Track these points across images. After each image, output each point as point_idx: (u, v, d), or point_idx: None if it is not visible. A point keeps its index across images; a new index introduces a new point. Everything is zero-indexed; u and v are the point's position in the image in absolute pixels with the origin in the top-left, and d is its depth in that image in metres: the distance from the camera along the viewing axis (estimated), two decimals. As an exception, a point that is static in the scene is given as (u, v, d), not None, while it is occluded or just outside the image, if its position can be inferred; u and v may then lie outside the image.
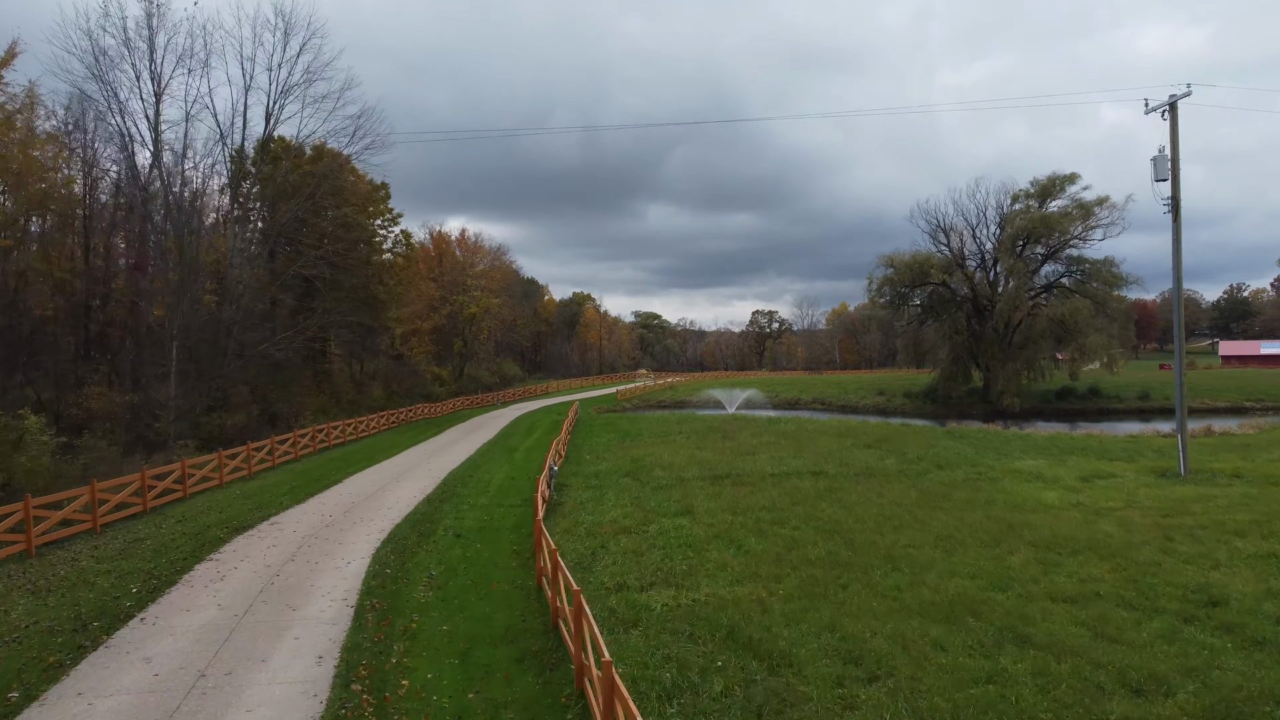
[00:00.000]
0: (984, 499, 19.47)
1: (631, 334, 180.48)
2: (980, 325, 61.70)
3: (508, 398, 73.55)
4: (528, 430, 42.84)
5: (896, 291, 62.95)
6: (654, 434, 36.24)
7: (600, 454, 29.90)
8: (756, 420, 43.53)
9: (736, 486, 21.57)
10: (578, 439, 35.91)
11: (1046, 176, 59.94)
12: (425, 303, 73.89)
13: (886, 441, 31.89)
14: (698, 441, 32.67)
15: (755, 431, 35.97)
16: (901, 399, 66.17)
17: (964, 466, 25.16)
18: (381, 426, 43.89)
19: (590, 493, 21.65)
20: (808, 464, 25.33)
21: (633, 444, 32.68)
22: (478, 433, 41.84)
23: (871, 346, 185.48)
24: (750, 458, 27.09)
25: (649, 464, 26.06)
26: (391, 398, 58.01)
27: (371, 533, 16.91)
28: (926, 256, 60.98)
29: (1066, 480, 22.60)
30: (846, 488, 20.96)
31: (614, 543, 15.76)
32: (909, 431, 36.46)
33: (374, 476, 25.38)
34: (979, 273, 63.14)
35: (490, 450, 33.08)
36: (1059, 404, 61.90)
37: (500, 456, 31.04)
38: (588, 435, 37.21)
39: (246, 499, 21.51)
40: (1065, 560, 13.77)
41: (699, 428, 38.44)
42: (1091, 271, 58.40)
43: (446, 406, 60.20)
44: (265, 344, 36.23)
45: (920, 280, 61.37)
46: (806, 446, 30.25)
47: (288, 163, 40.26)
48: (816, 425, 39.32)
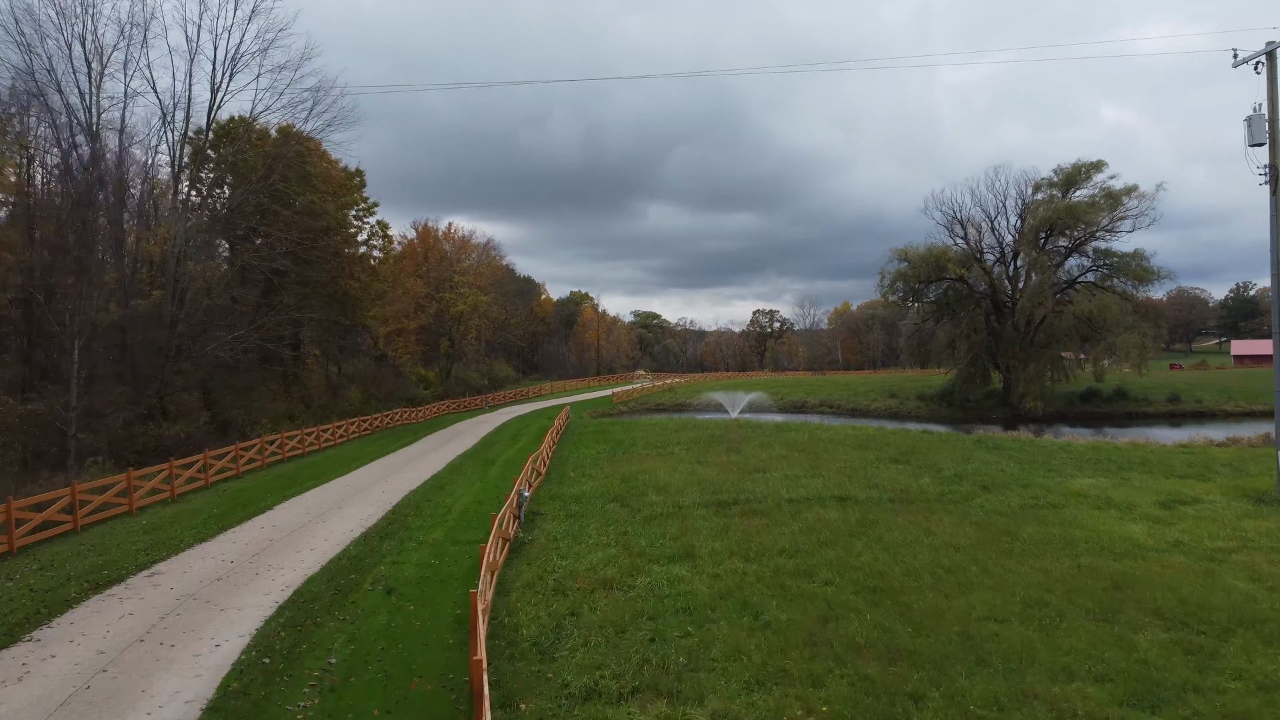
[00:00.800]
0: (1059, 537, 15.51)
1: (630, 334, 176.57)
2: (999, 323, 57.76)
3: (498, 400, 69.64)
4: (512, 438, 38.94)
5: (910, 287, 58.99)
6: (649, 444, 32.31)
7: (587, 470, 25.96)
8: (763, 427, 39.59)
9: (747, 517, 17.62)
10: (564, 450, 31.98)
11: (1071, 164, 56.06)
12: (411, 300, 69.99)
13: (914, 454, 27.96)
14: (698, 454, 28.74)
15: (763, 441, 32.03)
16: (915, 402, 62.22)
17: (1014, 488, 21.23)
18: (351, 434, 39.95)
19: (568, 524, 17.70)
20: (829, 485, 21.38)
21: (625, 457, 28.74)
22: (456, 441, 37.94)
23: (875, 346, 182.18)
24: (760, 476, 23.14)
25: (641, 484, 22.11)
26: (369, 402, 54.06)
27: (274, 589, 12.96)
28: (943, 250, 57.03)
29: (1144, 507, 18.68)
30: (883, 520, 17.01)
31: (589, 605, 11.85)
32: (936, 441, 32.51)
33: (315, 500, 21.43)
34: (998, 267, 59.19)
35: (463, 464, 29.14)
36: (1084, 407, 57.94)
37: (473, 472, 27.11)
38: (575, 446, 33.27)
39: (147, 533, 17.55)
40: (1215, 644, 9.84)
41: (699, 436, 34.50)
42: (1120, 265, 54.45)
43: (430, 411, 56.27)
44: (214, 344, 32.22)
45: (936, 275, 57.42)
46: (824, 461, 26.30)
47: (243, 143, 36.27)
48: (830, 433, 35.38)
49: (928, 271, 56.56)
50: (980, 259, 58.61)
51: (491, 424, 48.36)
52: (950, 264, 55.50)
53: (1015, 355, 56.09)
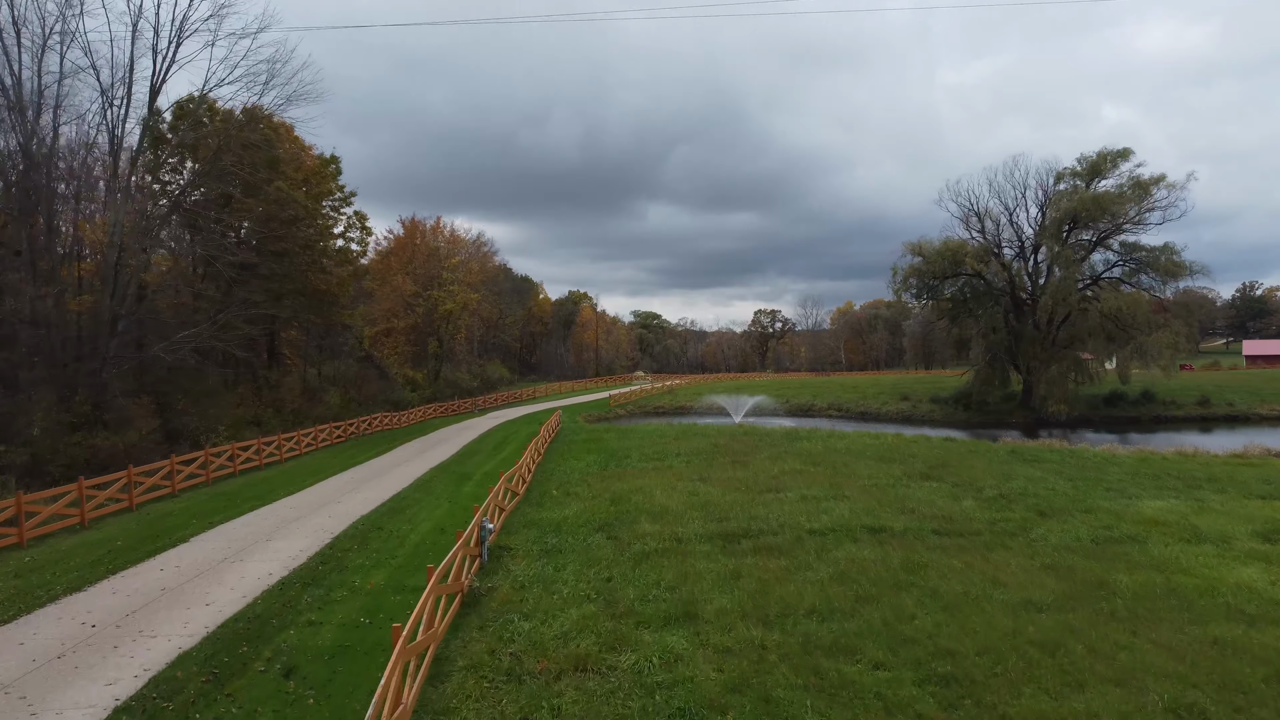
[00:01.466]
0: (1163, 587, 12.16)
1: (630, 334, 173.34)
2: (1018, 321, 54.38)
3: (490, 403, 66.33)
4: (496, 446, 35.62)
5: (924, 283, 55.60)
6: (646, 455, 28.94)
7: (573, 488, 22.60)
8: (771, 435, 36.21)
9: (761, 556, 14.25)
10: (550, 463, 28.62)
11: (1095, 152, 52.72)
12: (399, 299, 66.69)
13: (945, 468, 24.59)
14: (700, 468, 25.37)
15: (773, 453, 28.66)
16: (929, 405, 58.82)
17: (1075, 513, 17.87)
18: (321, 443, 36.61)
19: (542, 565, 14.35)
20: (857, 510, 18.00)
21: (617, 471, 25.36)
22: (435, 450, 34.62)
23: (878, 346, 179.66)
24: (773, 498, 19.77)
25: (634, 508, 18.75)
26: (349, 406, 50.70)
27: (125, 675, 9.58)
28: (960, 244, 53.64)
29: (1242, 539, 15.37)
30: (933, 562, 13.63)
31: (551, 704, 8.51)
32: (964, 452, 29.13)
33: (244, 528, 18.05)
34: (1016, 262, 55.81)
35: (435, 479, 25.78)
36: (1109, 411, 54.56)
37: (445, 488, 23.77)
38: (563, 457, 29.91)
39: (17, 576, 14.18)
40: None
41: (702, 446, 31.12)
42: (1149, 259, 51.05)
43: (415, 415, 52.94)
44: (162, 345, 28.87)
45: (952, 270, 54.04)
46: (845, 477, 22.93)
47: (201, 122, 32.94)
48: (846, 442, 31.99)
49: (943, 266, 53.18)
50: (998, 254, 55.24)
51: (478, 430, 45.04)
52: (968, 258, 52.12)
53: (1036, 355, 52.71)
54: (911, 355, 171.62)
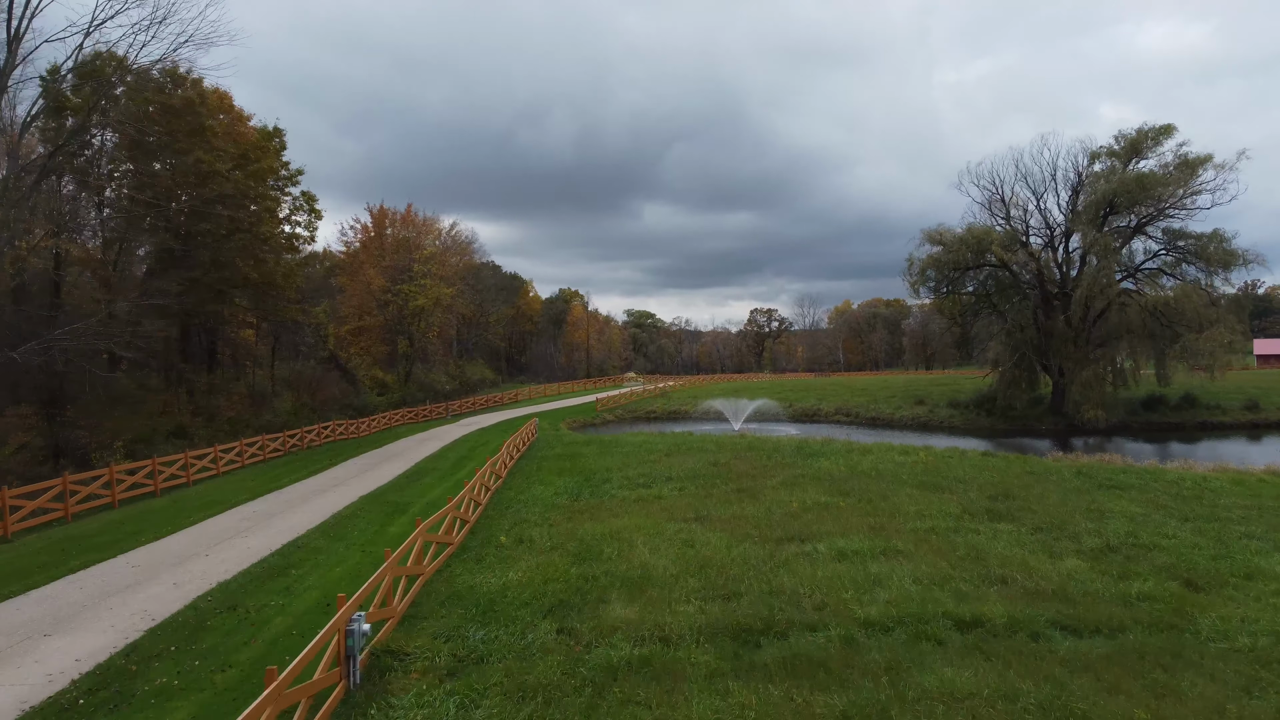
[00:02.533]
0: None
1: (623, 334, 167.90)
2: (1047, 317, 49.03)
3: (467, 407, 60.71)
4: (457, 463, 30.11)
5: (944, 275, 50.12)
6: (629, 478, 23.43)
7: (529, 531, 17.09)
8: (779, 447, 30.72)
9: (798, 685, 8.75)
10: (511, 489, 23.10)
11: (1135, 129, 47.39)
12: (369, 295, 61.06)
13: (1010, 500, 19.16)
14: (697, 498, 19.89)
15: (787, 475, 23.15)
16: (947, 410, 53.46)
17: (1236, 582, 12.48)
18: (249, 458, 31.01)
19: (442, 699, 8.82)
20: (922, 576, 12.52)
21: (591, 504, 19.84)
22: (383, 468, 29.11)
23: (877, 346, 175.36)
24: (799, 553, 14.27)
25: (604, 573, 13.24)
26: (301, 413, 45.07)
27: None
28: (984, 230, 48.21)
29: None
30: (1077, 688, 8.15)
31: None
32: (1023, 473, 23.65)
33: (33, 608, 12.47)
34: (1046, 251, 50.46)
35: (359, 513, 20.23)
36: (1147, 416, 49.30)
37: (365, 528, 18.27)
38: (529, 481, 24.37)
39: None
40: None
41: (698, 466, 25.59)
42: (1195, 248, 45.77)
43: (378, 421, 47.33)
44: (26, 347, 23.20)
45: (976, 260, 48.65)
46: (887, 515, 17.45)
47: (97, 76, 27.31)
48: (872, 460, 26.52)
49: (966, 256, 47.76)
50: (1026, 242, 49.88)
51: (444, 439, 39.51)
52: (994, 246, 46.72)
53: (1068, 355, 47.38)
54: (911, 355, 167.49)
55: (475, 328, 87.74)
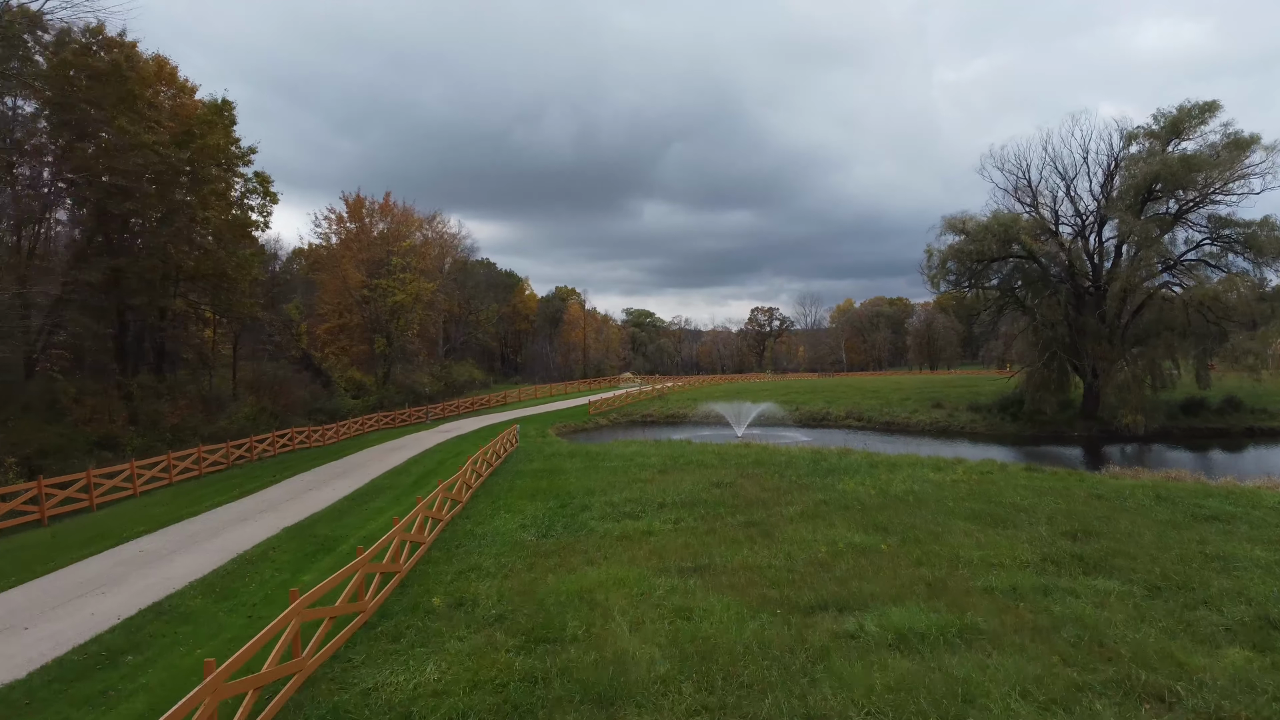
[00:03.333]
0: None
1: (622, 333, 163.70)
2: (1079, 313, 44.87)
3: (450, 411, 56.61)
4: (420, 480, 26.04)
5: (967, 268, 45.89)
6: (614, 505, 19.26)
7: (473, 588, 12.95)
8: (793, 460, 26.51)
9: None
10: (468, 520, 18.94)
11: (1176, 107, 43.23)
12: (347, 291, 56.98)
13: (1095, 538, 15.02)
14: (696, 536, 15.72)
15: (806, 503, 18.95)
16: (968, 414, 49.30)
17: None
18: (184, 474, 26.95)
19: None
20: (1027, 681, 8.37)
21: (561, 546, 15.67)
22: (333, 485, 25.09)
23: (880, 345, 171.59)
24: (835, 627, 10.11)
25: (558, 680, 9.10)
26: (260, 418, 40.93)
27: None
28: (1012, 218, 43.98)
29: None
30: None
31: None
32: (1090, 496, 19.49)
33: None
34: (1077, 241, 46.28)
35: (275, 550, 16.12)
36: (1187, 421, 45.18)
37: (277, 570, 14.24)
38: (494, 507, 20.21)
39: None
40: None
41: (698, 487, 21.42)
42: (1244, 237, 41.61)
43: (348, 428, 43.28)
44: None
45: (1002, 251, 44.44)
46: (942, 564, 13.29)
47: None
48: (904, 479, 22.35)
49: (991, 246, 43.52)
50: (1056, 231, 45.71)
51: (414, 448, 35.47)
52: (1024, 234, 42.53)
53: (1103, 355, 43.26)
54: (915, 354, 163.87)
55: (464, 326, 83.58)
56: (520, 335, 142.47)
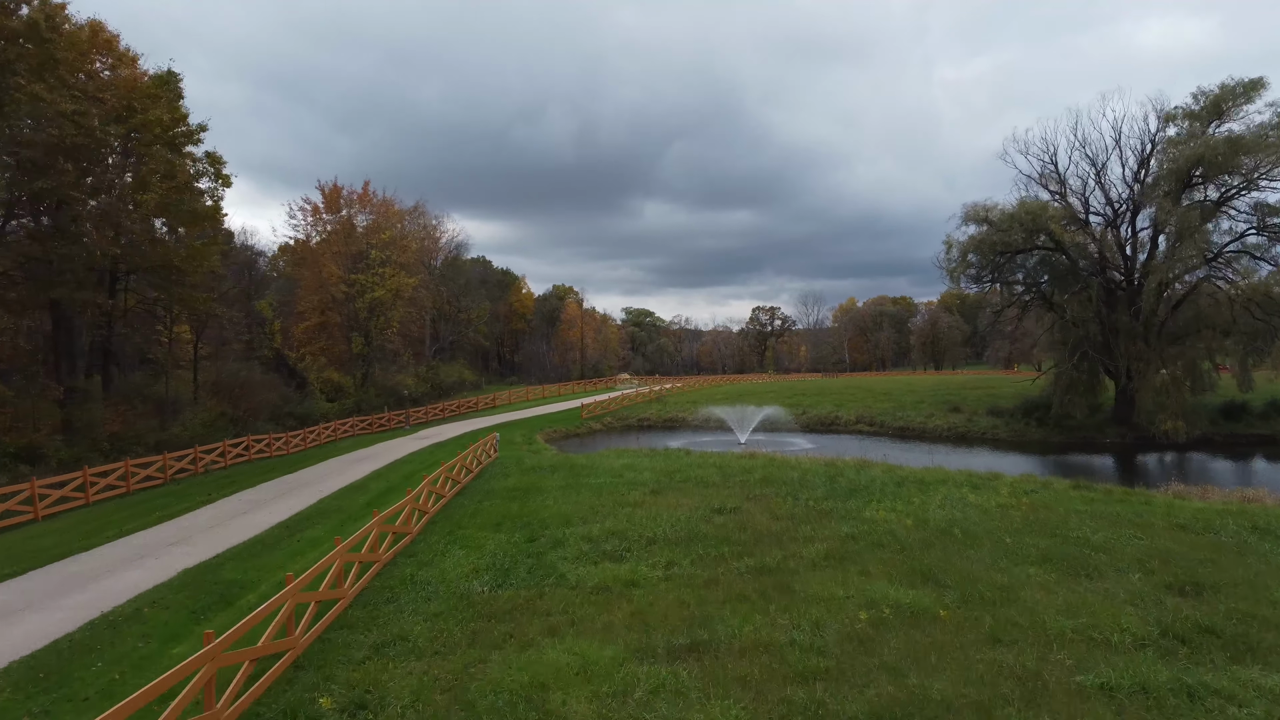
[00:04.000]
0: None
1: (621, 332, 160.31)
2: (1110, 310, 41.32)
3: (434, 414, 53.11)
4: (376, 499, 22.53)
5: (989, 261, 42.28)
6: (593, 541, 15.73)
7: (385, 676, 9.45)
8: (806, 478, 22.93)
9: None
10: (409, 565, 15.38)
11: (1218, 85, 39.63)
12: (326, 287, 53.48)
13: (1205, 592, 11.54)
14: (692, 593, 12.16)
15: (828, 540, 15.37)
16: (988, 419, 45.75)
17: None
18: (105, 492, 23.48)
19: None
20: None
21: (518, 604, 12.11)
22: (273, 506, 21.62)
23: (884, 345, 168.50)
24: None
25: None
26: (219, 424, 37.44)
27: None
28: (1040, 206, 40.35)
29: None
30: None
31: None
32: (1179, 532, 15.94)
33: None
34: (1108, 232, 42.71)
35: (156, 606, 12.61)
36: (1228, 427, 41.70)
37: (144, 639, 10.76)
38: (445, 545, 16.61)
39: None
40: None
41: (696, 517, 17.87)
42: (1295, 226, 38.04)
43: (318, 434, 39.82)
44: None
45: (1027, 242, 40.86)
46: (1024, 641, 9.75)
47: None
48: (942, 502, 18.83)
49: (1017, 236, 39.91)
50: (1086, 221, 42.16)
51: (383, 458, 32.02)
52: (1053, 223, 38.96)
53: (1138, 355, 39.71)
54: (919, 354, 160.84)
55: (455, 324, 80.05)
56: (517, 335, 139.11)
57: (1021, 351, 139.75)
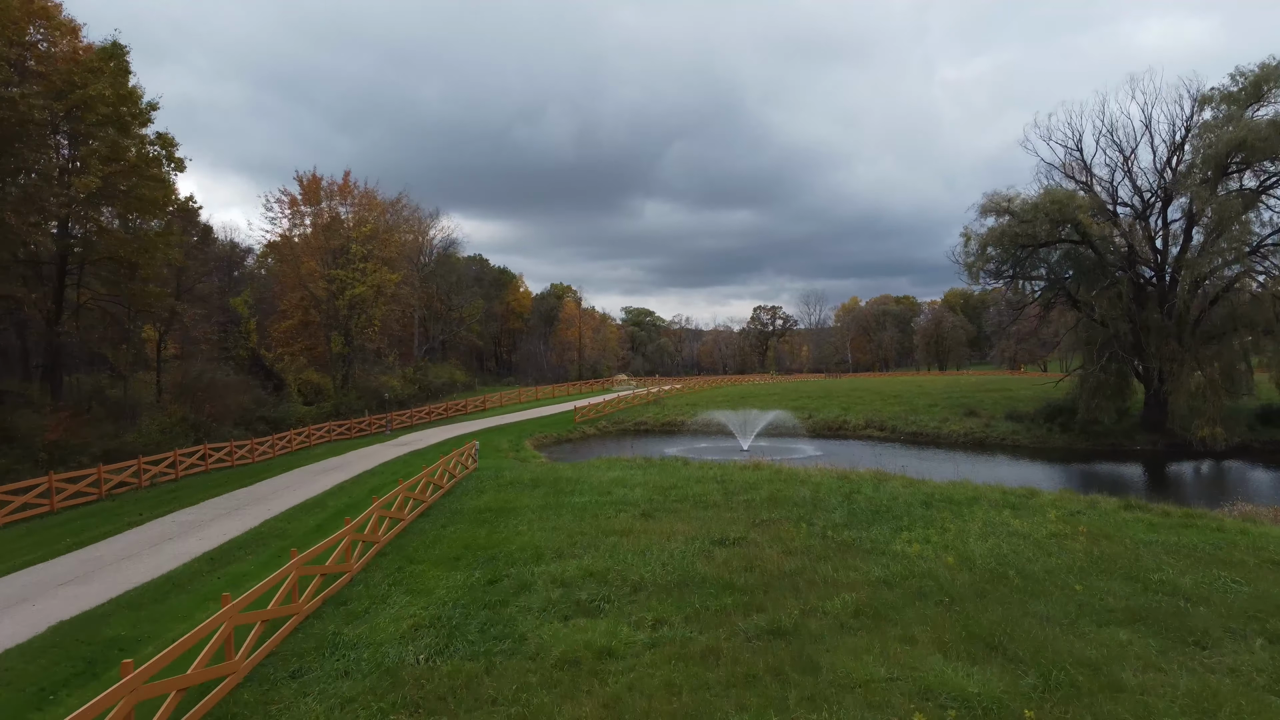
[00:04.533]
0: None
1: (621, 332, 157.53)
2: (1140, 307, 38.46)
3: (419, 418, 50.31)
4: (324, 525, 19.65)
5: (1011, 255, 39.37)
6: (563, 589, 12.87)
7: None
8: (820, 496, 20.06)
9: None
10: (332, 618, 12.53)
11: (1258, 65, 36.74)
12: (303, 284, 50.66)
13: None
14: (686, 674, 9.29)
15: (856, 587, 12.47)
16: (1006, 424, 42.87)
17: None
18: (21, 513, 20.65)
19: None
20: None
21: (460, 683, 9.25)
22: (206, 530, 18.85)
23: (888, 345, 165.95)
24: None
25: None
26: (179, 430, 34.62)
27: None
28: (1067, 195, 37.40)
29: None
30: None
31: None
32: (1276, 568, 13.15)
33: None
34: (1138, 224, 39.82)
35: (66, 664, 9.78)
36: (1269, 433, 38.79)
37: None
38: (387, 589, 13.72)
39: None
40: None
41: (693, 554, 15.00)
42: (1342, 217, 35.16)
43: (291, 440, 37.02)
44: None
45: (1052, 234, 37.95)
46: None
47: None
48: (982, 532, 15.95)
49: (1042, 228, 36.98)
50: (1115, 213, 39.26)
51: (351, 469, 29.26)
52: (1080, 214, 36.06)
53: (1170, 355, 36.84)
54: (923, 354, 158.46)
55: (446, 323, 77.21)
56: (514, 334, 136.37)
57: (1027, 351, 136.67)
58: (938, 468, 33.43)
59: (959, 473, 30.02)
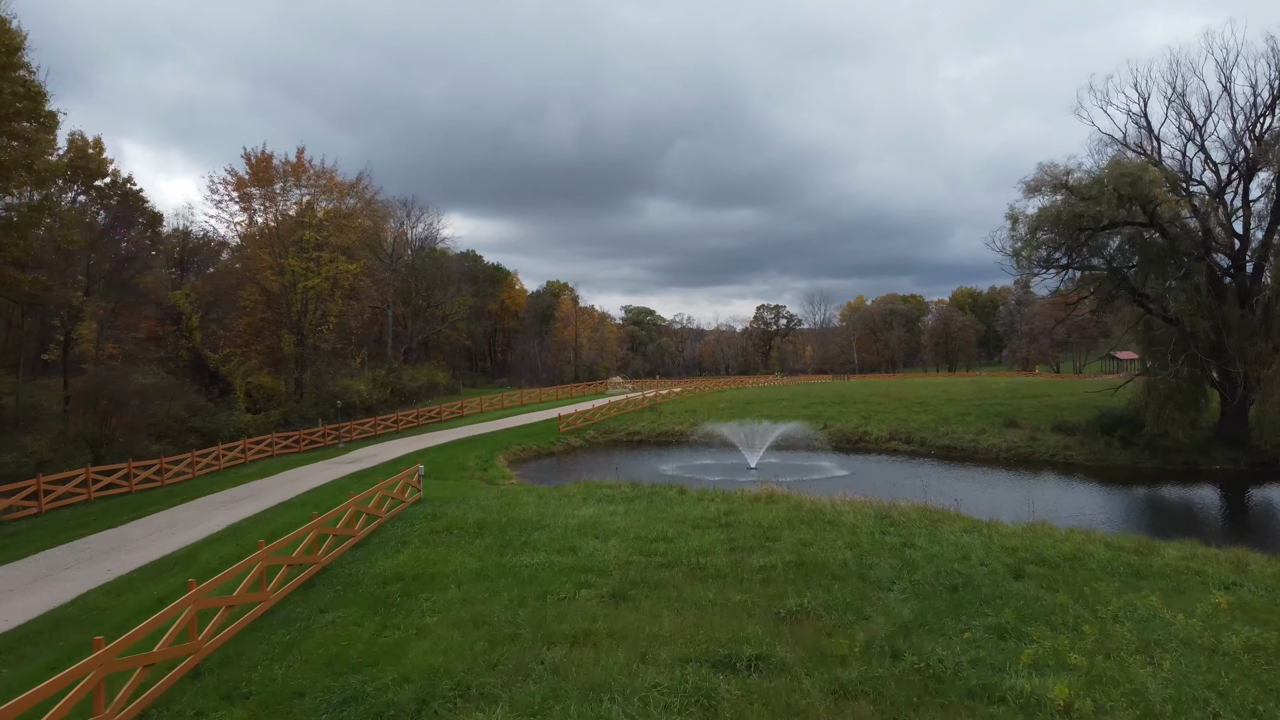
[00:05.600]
0: None
1: (620, 332, 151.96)
2: (1219, 301, 32.63)
3: (382, 427, 44.57)
4: (163, 601, 13.74)
5: (1067, 239, 33.43)
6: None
7: None
8: (870, 565, 14.28)
9: None
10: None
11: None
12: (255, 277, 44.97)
13: None
14: None
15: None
16: (1055, 437, 36.99)
17: None
18: None
19: None
20: None
21: None
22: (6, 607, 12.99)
23: (895, 345, 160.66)
24: None
25: None
26: (77, 445, 28.91)
27: None
28: (1140, 165, 31.51)
29: None
30: None
31: None
32: None
33: None
34: (1213, 204, 33.93)
35: None
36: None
37: None
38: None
39: None
40: None
41: (679, 683, 9.27)
42: None
43: (219, 457, 31.33)
44: None
45: (1115, 215, 32.04)
46: None
47: None
48: (1128, 626, 10.22)
49: (1106, 207, 31.03)
50: (1188, 191, 33.39)
51: (265, 499, 23.65)
52: (1155, 190, 30.16)
53: (1258, 358, 31.04)
54: (932, 354, 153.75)
55: (426, 321, 71.44)
56: (509, 334, 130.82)
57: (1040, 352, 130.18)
58: (988, 495, 27.70)
59: (1017, 503, 24.30)
